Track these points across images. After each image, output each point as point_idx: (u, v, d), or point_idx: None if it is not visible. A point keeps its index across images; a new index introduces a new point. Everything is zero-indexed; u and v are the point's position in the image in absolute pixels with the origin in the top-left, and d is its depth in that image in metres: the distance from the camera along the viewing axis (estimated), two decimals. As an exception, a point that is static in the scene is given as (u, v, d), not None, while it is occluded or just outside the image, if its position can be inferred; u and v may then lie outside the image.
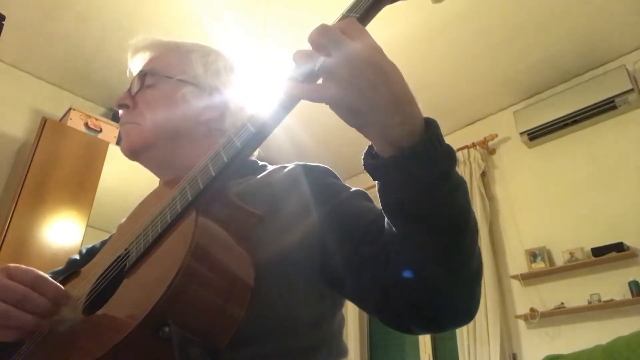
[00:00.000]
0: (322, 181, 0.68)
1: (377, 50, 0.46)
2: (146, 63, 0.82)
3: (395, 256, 0.54)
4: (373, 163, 0.50)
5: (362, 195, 0.68)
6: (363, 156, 0.52)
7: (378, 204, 0.59)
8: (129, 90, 0.79)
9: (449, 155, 0.49)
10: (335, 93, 0.45)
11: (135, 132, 0.76)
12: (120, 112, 0.81)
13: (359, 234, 0.59)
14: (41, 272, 0.57)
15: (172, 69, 0.78)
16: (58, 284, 0.58)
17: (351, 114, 0.47)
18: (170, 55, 0.81)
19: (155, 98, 0.76)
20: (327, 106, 0.47)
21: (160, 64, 0.79)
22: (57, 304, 0.56)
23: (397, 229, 0.52)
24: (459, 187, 0.50)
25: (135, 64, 0.85)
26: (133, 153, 0.77)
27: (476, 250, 0.53)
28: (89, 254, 0.83)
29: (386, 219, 0.55)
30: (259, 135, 0.52)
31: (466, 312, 0.54)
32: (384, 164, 0.48)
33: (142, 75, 0.78)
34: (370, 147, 0.51)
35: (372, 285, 0.56)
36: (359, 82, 0.44)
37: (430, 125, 0.48)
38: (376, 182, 0.51)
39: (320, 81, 0.48)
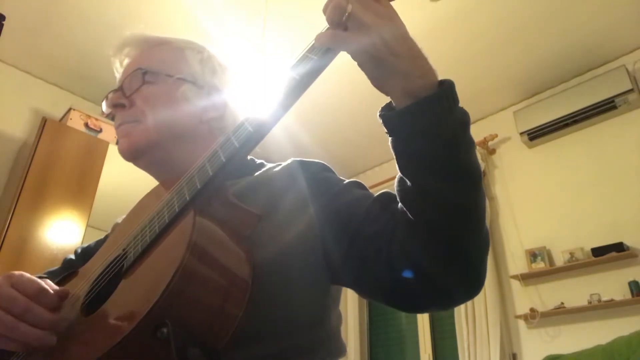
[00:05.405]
0: (318, 176, 0.68)
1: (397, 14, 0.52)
2: (139, 60, 0.77)
3: (407, 222, 0.54)
4: (395, 112, 0.51)
5: (357, 184, 0.68)
6: (380, 112, 0.54)
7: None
8: (121, 89, 0.75)
9: (464, 111, 0.52)
10: (362, 39, 0.49)
11: (138, 131, 0.71)
12: (105, 111, 0.77)
13: (361, 216, 0.60)
14: (43, 283, 0.54)
15: (170, 66, 0.75)
16: (60, 294, 0.55)
17: (375, 63, 0.50)
18: (164, 52, 0.78)
19: (155, 96, 0.73)
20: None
21: (155, 62, 0.76)
22: (59, 314, 0.53)
23: (414, 183, 0.52)
24: (474, 145, 0.53)
25: (124, 61, 0.81)
26: (135, 153, 0.72)
27: (486, 216, 0.55)
28: (84, 254, 0.83)
29: (397, 182, 0.55)
30: (257, 135, 0.52)
31: (476, 278, 0.54)
32: (406, 111, 0.50)
33: (142, 73, 0.73)
34: (385, 106, 0.54)
35: (378, 262, 0.56)
36: (383, 31, 0.48)
37: (445, 80, 0.52)
38: (391, 138, 0.53)
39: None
